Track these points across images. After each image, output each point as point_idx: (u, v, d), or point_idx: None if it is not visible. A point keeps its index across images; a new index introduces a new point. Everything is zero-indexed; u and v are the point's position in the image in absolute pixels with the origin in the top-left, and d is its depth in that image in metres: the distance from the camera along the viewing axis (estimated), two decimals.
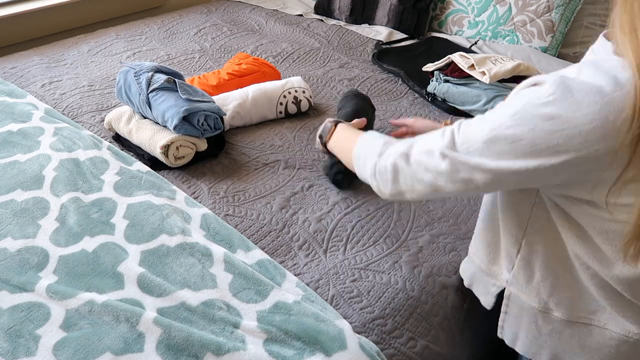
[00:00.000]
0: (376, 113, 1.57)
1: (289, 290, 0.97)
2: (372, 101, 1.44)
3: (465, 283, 1.03)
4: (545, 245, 0.84)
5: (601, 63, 0.68)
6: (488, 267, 0.95)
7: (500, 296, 0.94)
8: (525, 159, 0.70)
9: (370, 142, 0.95)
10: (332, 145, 1.12)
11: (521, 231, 0.86)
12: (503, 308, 0.94)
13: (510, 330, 0.94)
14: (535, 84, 0.71)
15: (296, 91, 1.54)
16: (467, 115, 1.57)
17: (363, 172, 0.95)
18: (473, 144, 0.74)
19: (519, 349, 0.94)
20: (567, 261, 0.83)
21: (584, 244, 0.79)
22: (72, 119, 1.47)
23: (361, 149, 0.96)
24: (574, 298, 0.85)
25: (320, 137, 1.16)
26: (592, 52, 0.80)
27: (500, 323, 0.95)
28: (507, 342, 0.96)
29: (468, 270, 1.02)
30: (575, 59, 1.97)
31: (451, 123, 1.22)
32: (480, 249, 0.97)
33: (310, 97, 1.56)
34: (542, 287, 0.87)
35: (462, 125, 0.78)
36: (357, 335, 0.91)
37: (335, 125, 1.13)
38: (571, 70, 0.70)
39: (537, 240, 0.85)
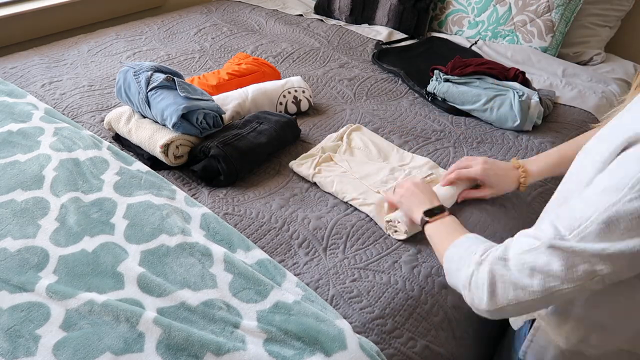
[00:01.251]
0: (376, 113, 1.57)
1: (289, 290, 0.97)
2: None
3: None
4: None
5: None
6: None
7: (530, 323, 0.91)
8: None
9: (471, 241, 0.84)
10: (433, 228, 0.98)
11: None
12: (529, 337, 0.91)
13: (534, 357, 0.91)
14: (628, 147, 0.63)
15: (296, 91, 1.54)
16: (467, 115, 1.58)
17: (455, 279, 0.83)
18: (587, 227, 0.65)
19: None
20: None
21: None
22: (72, 119, 1.47)
23: (457, 250, 0.84)
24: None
25: (429, 211, 1.01)
26: None
27: (523, 348, 0.93)
28: None
29: None
30: (575, 58, 1.98)
31: (518, 159, 1.13)
32: None
33: (310, 96, 1.56)
34: (571, 334, 0.82)
35: (560, 212, 0.70)
36: (357, 335, 0.91)
37: (447, 215, 0.99)
38: None
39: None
